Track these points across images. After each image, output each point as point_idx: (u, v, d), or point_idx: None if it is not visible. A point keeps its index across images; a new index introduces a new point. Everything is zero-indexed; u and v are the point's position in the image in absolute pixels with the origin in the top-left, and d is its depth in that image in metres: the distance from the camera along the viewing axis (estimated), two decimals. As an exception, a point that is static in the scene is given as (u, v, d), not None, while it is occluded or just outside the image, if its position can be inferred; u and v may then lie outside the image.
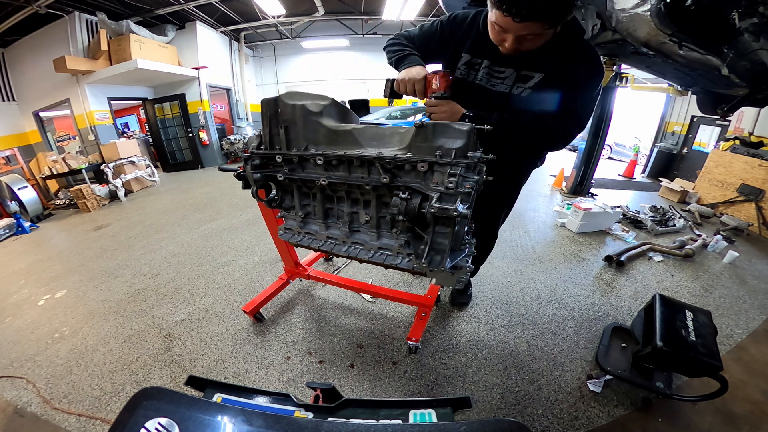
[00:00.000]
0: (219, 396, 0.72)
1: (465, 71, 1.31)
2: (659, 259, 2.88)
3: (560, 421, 1.47)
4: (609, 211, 3.42)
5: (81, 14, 5.58)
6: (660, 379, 1.57)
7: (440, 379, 1.68)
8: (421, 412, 0.66)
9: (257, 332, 2.02)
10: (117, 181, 5.45)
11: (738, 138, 4.40)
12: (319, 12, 7.28)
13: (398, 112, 6.03)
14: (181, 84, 7.23)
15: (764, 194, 3.72)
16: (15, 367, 1.88)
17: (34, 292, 2.72)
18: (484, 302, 2.25)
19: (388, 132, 1.08)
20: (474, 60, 1.27)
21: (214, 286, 2.57)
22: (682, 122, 6.52)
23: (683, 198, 4.64)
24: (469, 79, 1.30)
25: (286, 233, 1.37)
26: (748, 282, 2.58)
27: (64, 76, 5.75)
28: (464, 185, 0.92)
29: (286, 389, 1.65)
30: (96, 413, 1.56)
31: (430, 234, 1.00)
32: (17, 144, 6.25)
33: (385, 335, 1.97)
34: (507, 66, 1.21)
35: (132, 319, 2.24)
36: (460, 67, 1.30)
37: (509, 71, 1.22)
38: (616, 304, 2.26)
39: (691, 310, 1.53)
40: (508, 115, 1.23)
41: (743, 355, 1.84)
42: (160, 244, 3.45)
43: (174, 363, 1.84)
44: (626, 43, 2.19)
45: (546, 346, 1.88)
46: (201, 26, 7.03)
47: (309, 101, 1.12)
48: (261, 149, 1.23)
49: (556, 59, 1.13)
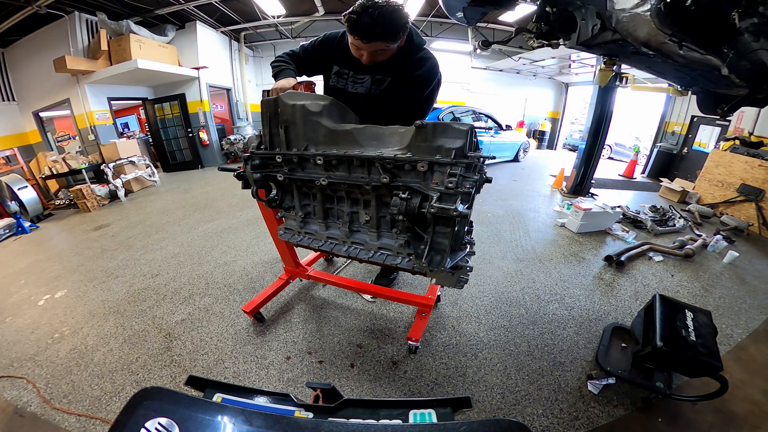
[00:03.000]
0: (219, 396, 0.72)
1: (336, 80, 1.60)
2: (659, 259, 2.88)
3: (560, 421, 1.47)
4: (609, 211, 3.42)
5: (81, 14, 5.57)
6: (660, 379, 1.57)
7: (440, 379, 1.68)
8: (421, 412, 0.66)
9: (257, 332, 2.02)
10: (117, 181, 5.45)
11: (738, 138, 4.40)
12: (319, 12, 7.27)
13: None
14: (181, 84, 7.23)
15: (764, 194, 3.72)
16: (15, 367, 1.88)
17: (34, 292, 2.72)
18: (484, 302, 2.25)
19: (388, 132, 1.08)
20: (342, 70, 1.57)
21: (214, 286, 2.57)
22: (682, 122, 6.52)
23: (683, 198, 4.63)
24: (340, 86, 1.60)
25: (286, 233, 1.37)
26: (748, 282, 2.58)
27: (64, 76, 5.75)
28: (464, 185, 0.92)
29: (286, 389, 1.65)
30: (96, 413, 1.56)
31: (430, 234, 1.00)
32: (17, 144, 6.25)
33: (385, 335, 1.97)
34: (365, 73, 1.50)
35: (132, 319, 2.24)
36: (332, 76, 1.60)
37: (367, 77, 1.51)
38: (616, 304, 2.26)
39: (691, 310, 1.53)
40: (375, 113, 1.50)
41: (743, 355, 1.84)
42: (160, 244, 3.45)
43: (174, 363, 1.84)
44: (626, 43, 2.19)
45: (546, 346, 1.88)
46: (201, 26, 7.03)
47: (309, 101, 1.12)
48: (261, 149, 1.23)
49: (400, 66, 1.43)
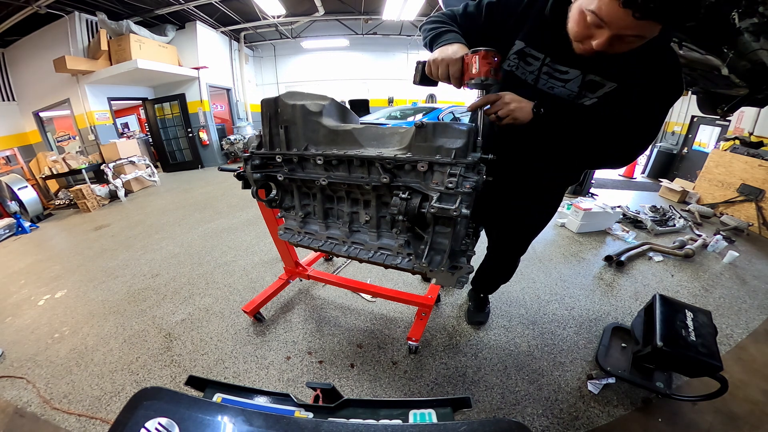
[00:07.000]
0: (219, 396, 0.72)
1: (516, 63, 1.06)
2: (659, 259, 2.88)
3: (560, 421, 1.47)
4: (609, 211, 3.42)
5: (81, 14, 5.57)
6: (660, 379, 1.57)
7: (440, 379, 1.68)
8: (421, 412, 0.66)
9: (257, 332, 2.02)
10: (117, 181, 5.45)
11: (738, 138, 4.39)
12: (319, 12, 7.28)
13: (398, 112, 6.02)
14: (181, 84, 7.23)
15: (764, 194, 3.72)
16: (15, 367, 1.88)
17: (34, 292, 2.72)
18: (484, 302, 2.25)
19: (388, 132, 1.07)
20: (530, 50, 1.02)
21: (214, 286, 2.57)
22: (682, 122, 6.52)
23: (683, 198, 4.63)
24: (519, 74, 1.06)
25: (286, 233, 1.37)
26: (748, 282, 2.58)
27: (64, 76, 5.75)
28: (464, 185, 0.92)
29: (286, 389, 1.65)
30: (96, 413, 1.56)
31: (430, 234, 1.00)
32: (17, 144, 6.25)
33: (385, 335, 1.97)
34: (572, 66, 0.97)
35: (132, 319, 2.24)
36: (510, 56, 1.06)
37: (574, 73, 0.97)
38: (616, 304, 2.26)
39: (691, 310, 1.53)
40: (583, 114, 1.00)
41: (743, 355, 1.84)
42: (160, 244, 3.45)
43: (174, 363, 1.84)
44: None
45: (546, 346, 1.88)
46: (201, 26, 7.03)
47: (309, 101, 1.12)
48: (261, 149, 1.23)
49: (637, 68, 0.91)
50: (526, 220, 1.41)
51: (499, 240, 1.60)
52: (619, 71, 0.93)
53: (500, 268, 1.75)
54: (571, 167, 1.25)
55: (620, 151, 1.03)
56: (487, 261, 1.78)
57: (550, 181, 1.28)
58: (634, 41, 0.79)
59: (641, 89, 0.93)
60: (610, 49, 0.81)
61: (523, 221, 1.42)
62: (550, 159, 1.18)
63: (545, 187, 1.30)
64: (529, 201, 1.33)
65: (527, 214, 1.38)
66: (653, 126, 0.98)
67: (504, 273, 1.78)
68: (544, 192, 1.32)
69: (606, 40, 0.79)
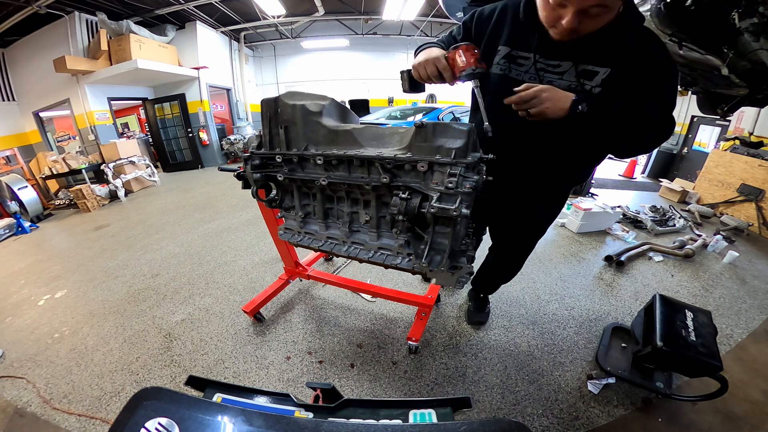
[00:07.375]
0: (219, 396, 0.72)
1: (507, 66, 1.08)
2: (659, 259, 2.88)
3: (560, 421, 1.47)
4: (609, 211, 3.42)
5: (81, 14, 5.57)
6: (660, 379, 1.57)
7: (440, 379, 1.68)
8: (421, 412, 0.66)
9: (257, 332, 2.02)
10: (117, 181, 5.45)
11: (738, 138, 4.39)
12: (319, 12, 7.28)
13: (398, 112, 6.01)
14: (181, 84, 7.23)
15: (764, 194, 3.72)
16: (15, 367, 1.88)
17: (34, 292, 2.72)
18: (484, 302, 2.25)
19: (388, 132, 1.07)
20: (517, 53, 1.06)
21: (214, 286, 2.57)
22: (682, 122, 6.51)
23: (683, 198, 4.63)
24: (513, 76, 1.08)
25: (286, 233, 1.37)
26: (748, 282, 2.58)
27: (64, 76, 5.75)
28: (464, 185, 0.92)
29: (286, 389, 1.65)
30: (96, 413, 1.56)
31: (430, 234, 1.00)
32: (17, 144, 6.25)
33: (385, 335, 1.97)
34: (562, 59, 0.99)
35: (132, 319, 2.24)
36: (498, 62, 1.10)
37: (566, 64, 0.99)
38: (616, 304, 2.26)
39: (691, 310, 1.53)
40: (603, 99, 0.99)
41: (743, 355, 1.84)
42: (160, 244, 3.45)
43: (174, 363, 1.84)
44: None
45: (546, 346, 1.88)
46: (201, 26, 7.03)
47: (309, 101, 1.12)
48: (261, 149, 1.23)
49: (622, 50, 0.93)
50: (530, 216, 1.41)
51: (505, 238, 1.59)
52: (605, 55, 0.96)
53: (504, 267, 1.75)
54: (574, 164, 1.26)
55: (651, 135, 1.02)
56: (491, 261, 1.78)
57: (554, 178, 1.29)
58: (601, 12, 0.84)
59: (636, 71, 0.95)
60: (582, 28, 0.87)
61: (528, 218, 1.42)
62: (554, 155, 1.19)
63: (549, 184, 1.31)
64: (534, 197, 1.34)
65: (532, 210, 1.38)
66: (672, 105, 1.01)
67: (507, 273, 1.78)
68: (548, 189, 1.33)
69: (573, 17, 0.84)
